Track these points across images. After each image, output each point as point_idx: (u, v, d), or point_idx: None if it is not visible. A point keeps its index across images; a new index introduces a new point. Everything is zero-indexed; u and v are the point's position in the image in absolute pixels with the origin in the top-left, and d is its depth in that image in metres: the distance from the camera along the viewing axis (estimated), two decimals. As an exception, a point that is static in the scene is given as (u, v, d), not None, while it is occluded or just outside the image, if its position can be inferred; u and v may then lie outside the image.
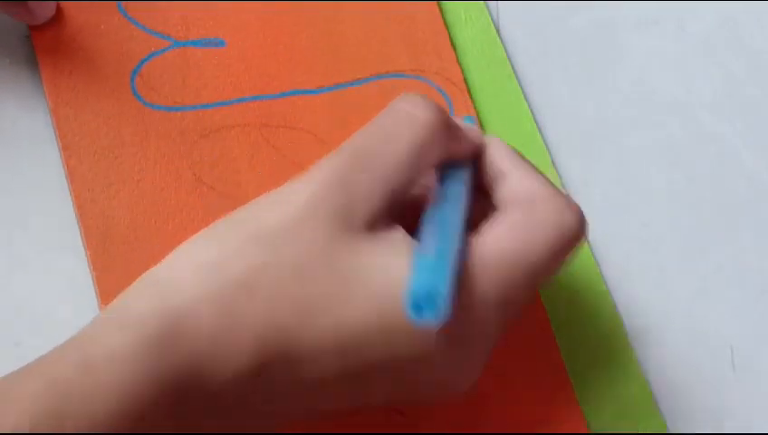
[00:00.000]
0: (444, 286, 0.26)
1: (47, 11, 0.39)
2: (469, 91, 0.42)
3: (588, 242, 0.40)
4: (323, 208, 0.29)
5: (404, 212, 0.32)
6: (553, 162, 0.42)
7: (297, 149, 0.39)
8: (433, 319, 0.26)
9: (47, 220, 0.38)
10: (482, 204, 0.33)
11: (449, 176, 0.32)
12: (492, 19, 0.44)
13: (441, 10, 0.43)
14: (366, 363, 0.29)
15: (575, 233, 0.31)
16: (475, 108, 0.41)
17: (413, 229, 0.31)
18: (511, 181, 0.32)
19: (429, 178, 0.33)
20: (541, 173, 0.33)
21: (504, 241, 0.30)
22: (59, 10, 0.40)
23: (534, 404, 0.37)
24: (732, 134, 0.44)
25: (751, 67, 0.45)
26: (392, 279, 0.28)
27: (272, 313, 0.28)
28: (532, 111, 0.42)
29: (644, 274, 0.41)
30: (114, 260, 0.36)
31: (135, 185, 0.38)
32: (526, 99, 0.43)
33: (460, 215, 0.30)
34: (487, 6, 0.44)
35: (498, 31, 0.44)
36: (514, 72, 0.43)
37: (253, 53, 0.41)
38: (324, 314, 0.28)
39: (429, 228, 0.29)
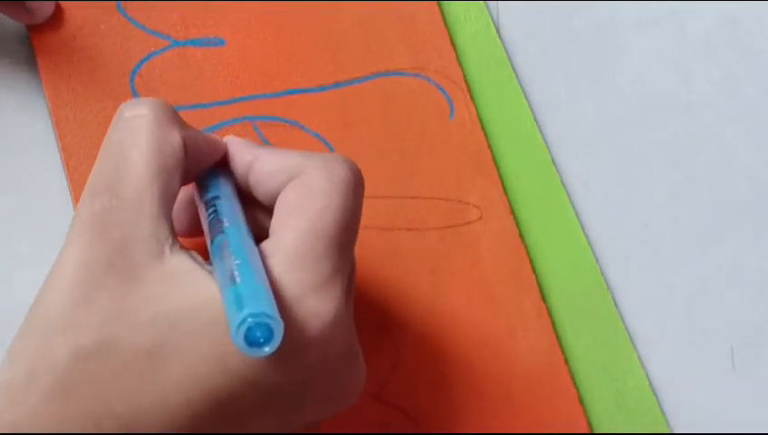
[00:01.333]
0: (269, 307, 0.24)
1: (45, 11, 0.39)
2: (469, 91, 0.42)
3: (588, 242, 0.40)
4: (95, 269, 0.26)
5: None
6: (553, 162, 0.42)
7: (297, 148, 0.39)
8: (270, 345, 0.24)
9: (47, 220, 0.38)
10: (258, 211, 0.31)
11: (213, 192, 0.30)
12: (492, 19, 0.44)
13: (441, 10, 0.43)
14: (225, 412, 0.26)
15: (351, 181, 0.30)
16: (475, 107, 0.41)
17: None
18: (262, 165, 0.30)
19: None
20: (287, 150, 0.31)
21: (292, 229, 0.28)
22: (58, 10, 0.39)
23: (535, 404, 0.37)
24: (732, 134, 0.44)
25: (751, 67, 0.45)
26: (211, 315, 0.26)
27: (98, 405, 0.25)
28: (532, 110, 0.42)
29: (644, 274, 0.41)
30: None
31: (135, 185, 0.38)
32: (526, 99, 0.43)
33: (242, 229, 0.28)
34: (487, 6, 0.44)
35: (498, 31, 0.44)
36: (514, 72, 0.43)
37: (252, 53, 0.41)
38: (151, 380, 0.26)
39: (220, 257, 0.27)
